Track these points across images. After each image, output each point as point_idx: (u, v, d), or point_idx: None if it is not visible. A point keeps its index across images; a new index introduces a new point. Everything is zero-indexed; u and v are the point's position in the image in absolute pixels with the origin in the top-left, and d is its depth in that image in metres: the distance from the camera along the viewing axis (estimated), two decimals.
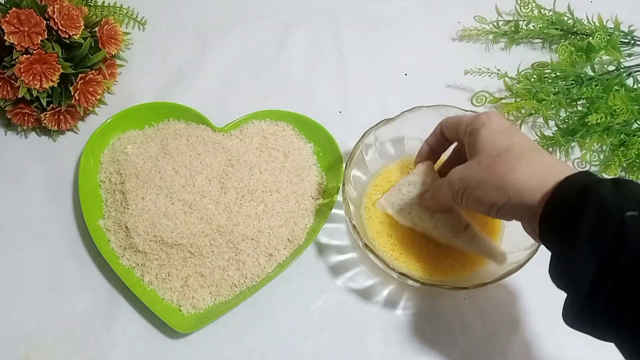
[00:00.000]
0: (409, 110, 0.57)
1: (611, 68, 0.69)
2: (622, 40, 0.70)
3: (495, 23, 0.74)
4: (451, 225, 0.53)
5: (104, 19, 0.64)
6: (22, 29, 0.57)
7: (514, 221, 0.56)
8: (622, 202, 0.34)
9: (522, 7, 0.73)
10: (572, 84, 0.65)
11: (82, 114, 0.64)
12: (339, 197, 0.57)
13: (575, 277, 0.35)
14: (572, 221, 0.35)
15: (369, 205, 0.58)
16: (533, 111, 0.65)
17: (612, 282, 0.33)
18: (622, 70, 0.67)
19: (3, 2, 0.60)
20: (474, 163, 0.44)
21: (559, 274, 0.37)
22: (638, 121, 0.64)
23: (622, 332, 0.33)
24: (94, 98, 0.62)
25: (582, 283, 0.34)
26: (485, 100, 0.68)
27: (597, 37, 0.68)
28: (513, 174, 0.40)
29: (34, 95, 0.59)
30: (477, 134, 0.45)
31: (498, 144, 0.43)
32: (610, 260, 0.33)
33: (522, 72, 0.69)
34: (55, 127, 0.62)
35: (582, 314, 0.35)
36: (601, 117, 0.60)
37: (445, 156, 0.56)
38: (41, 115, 0.61)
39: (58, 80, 0.59)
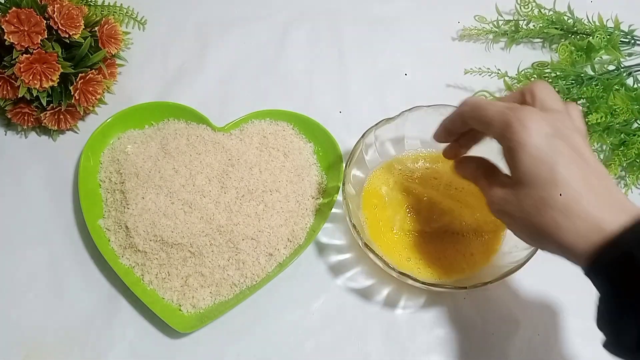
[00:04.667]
0: (409, 110, 0.57)
1: (611, 68, 0.68)
2: (622, 39, 0.70)
3: (495, 23, 0.74)
4: None
5: (104, 19, 0.64)
6: (22, 28, 0.57)
7: None
8: None
9: (522, 7, 0.73)
10: (572, 83, 0.65)
11: (82, 113, 0.64)
12: (339, 197, 0.57)
13: (623, 338, 0.37)
14: (618, 291, 0.37)
15: (368, 205, 0.58)
16: None
17: None
18: (622, 69, 0.67)
19: (3, 1, 0.60)
20: (515, 197, 0.41)
21: (608, 331, 0.39)
22: (638, 121, 0.64)
23: None
24: (94, 98, 0.62)
25: (629, 344, 0.36)
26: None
27: (597, 36, 0.67)
28: (557, 232, 0.39)
29: (34, 95, 0.59)
30: (515, 155, 0.40)
31: (541, 180, 0.39)
32: None
33: (522, 72, 0.69)
34: (55, 127, 0.62)
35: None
36: (601, 117, 0.60)
37: None
38: (41, 114, 0.61)
39: (58, 80, 0.59)
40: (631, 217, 0.37)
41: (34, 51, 0.57)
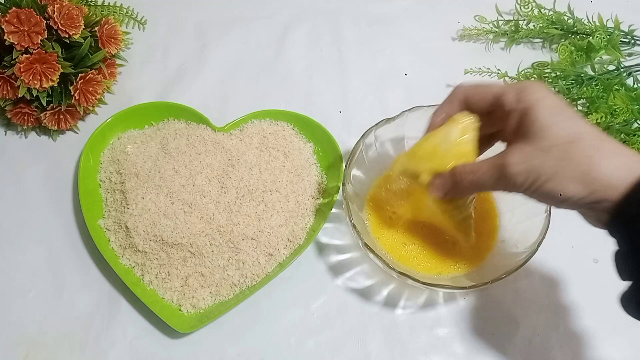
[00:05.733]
0: (409, 109, 0.57)
1: (611, 68, 0.69)
2: (622, 39, 0.70)
3: (495, 23, 0.74)
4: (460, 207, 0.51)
5: (104, 19, 0.64)
6: (22, 28, 0.57)
7: (513, 220, 0.56)
8: None
9: (522, 7, 0.73)
10: (572, 83, 0.65)
11: (82, 113, 0.64)
12: (339, 197, 0.57)
13: None
14: None
15: (369, 206, 0.58)
16: None
17: None
18: (622, 69, 0.67)
19: (3, 1, 0.60)
20: (538, 150, 0.40)
21: (630, 266, 0.36)
22: (638, 121, 0.64)
23: None
24: (94, 98, 0.62)
25: None
26: None
27: (597, 36, 0.68)
28: (597, 166, 0.38)
29: (34, 95, 0.59)
30: (532, 112, 0.40)
31: (564, 129, 0.39)
32: None
33: (522, 72, 0.69)
34: (55, 127, 0.62)
35: None
36: (601, 117, 0.60)
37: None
38: (41, 114, 0.61)
39: (58, 80, 0.59)
40: None
41: (34, 51, 0.57)
